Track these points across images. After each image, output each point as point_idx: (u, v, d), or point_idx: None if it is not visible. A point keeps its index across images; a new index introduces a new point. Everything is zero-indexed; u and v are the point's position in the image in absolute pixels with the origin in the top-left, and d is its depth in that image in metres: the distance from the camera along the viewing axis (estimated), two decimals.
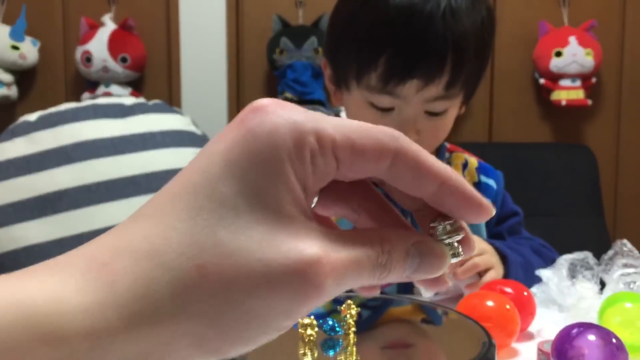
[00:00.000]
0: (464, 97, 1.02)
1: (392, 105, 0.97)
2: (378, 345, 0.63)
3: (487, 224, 1.12)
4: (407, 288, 1.02)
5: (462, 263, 0.91)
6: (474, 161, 1.14)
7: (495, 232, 1.12)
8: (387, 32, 0.94)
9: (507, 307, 0.73)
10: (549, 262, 1.04)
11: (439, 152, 1.09)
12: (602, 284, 0.88)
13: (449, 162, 1.10)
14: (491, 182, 1.13)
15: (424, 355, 0.65)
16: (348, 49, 0.98)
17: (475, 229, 1.10)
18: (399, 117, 0.97)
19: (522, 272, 1.00)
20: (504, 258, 0.99)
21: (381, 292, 1.00)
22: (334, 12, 1.04)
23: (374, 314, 0.65)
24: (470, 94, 1.04)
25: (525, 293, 0.81)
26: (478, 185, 1.12)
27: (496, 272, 0.95)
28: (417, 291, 1.03)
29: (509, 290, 0.80)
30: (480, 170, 1.13)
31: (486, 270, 0.94)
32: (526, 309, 0.79)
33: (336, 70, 1.03)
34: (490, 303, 0.73)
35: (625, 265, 0.85)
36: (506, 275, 0.98)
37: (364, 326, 0.65)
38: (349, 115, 1.04)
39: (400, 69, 0.93)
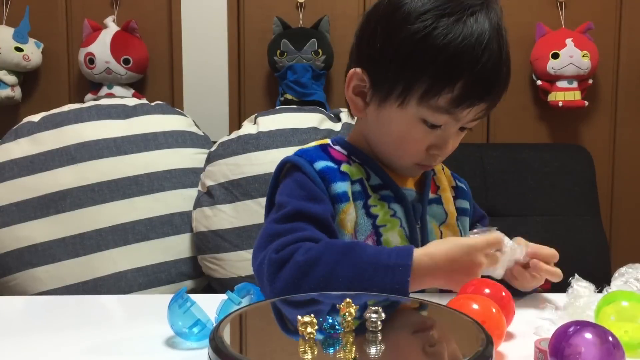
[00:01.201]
0: None
1: (444, 123, 0.99)
2: (382, 342, 0.64)
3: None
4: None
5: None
6: (446, 168, 1.20)
7: None
8: (468, 58, 0.94)
9: (493, 310, 0.74)
10: None
11: None
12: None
13: (433, 170, 1.13)
14: (463, 185, 1.19)
15: (425, 352, 0.66)
16: (420, 67, 0.95)
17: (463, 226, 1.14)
18: (444, 133, 1.00)
19: None
20: None
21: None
22: (380, 24, 0.99)
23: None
24: None
25: (504, 293, 0.81)
26: (456, 188, 1.17)
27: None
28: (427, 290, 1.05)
29: (487, 291, 0.80)
30: (453, 176, 1.20)
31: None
32: (506, 309, 0.79)
33: (386, 85, 0.99)
34: (475, 306, 0.73)
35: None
36: None
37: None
38: (389, 132, 1.02)
39: (476, 95, 0.96)
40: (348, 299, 0.67)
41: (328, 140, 1.11)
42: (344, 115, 1.80)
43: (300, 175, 1.02)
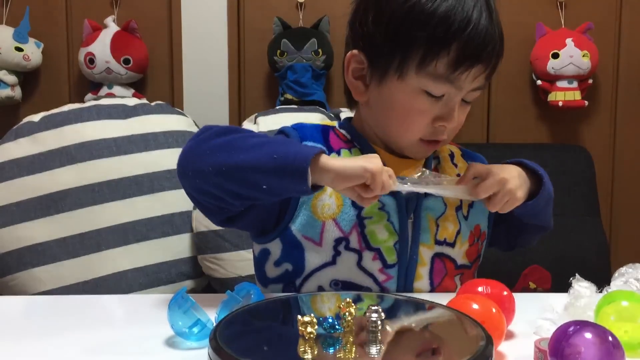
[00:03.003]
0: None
1: (446, 92, 0.99)
2: (382, 342, 0.64)
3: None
4: (406, 287, 1.04)
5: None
6: (456, 150, 1.18)
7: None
8: (460, 18, 0.95)
9: (493, 310, 0.74)
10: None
11: None
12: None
13: (436, 155, 1.12)
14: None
15: (425, 352, 0.66)
16: (413, 35, 0.97)
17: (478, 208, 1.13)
18: (447, 105, 1.00)
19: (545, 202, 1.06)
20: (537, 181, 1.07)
21: (381, 290, 1.02)
22: (370, 3, 1.02)
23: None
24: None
25: (505, 293, 0.82)
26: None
27: (514, 187, 0.99)
28: (416, 290, 1.05)
29: (488, 290, 0.80)
30: (465, 156, 1.18)
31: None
32: (506, 309, 0.79)
33: (383, 59, 1.01)
34: (475, 306, 0.73)
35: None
36: (536, 198, 1.04)
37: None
38: (392, 107, 1.02)
39: (472, 54, 0.96)
40: (348, 299, 0.67)
41: (335, 123, 1.12)
42: (344, 115, 1.80)
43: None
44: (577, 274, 0.89)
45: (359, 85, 1.06)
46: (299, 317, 0.63)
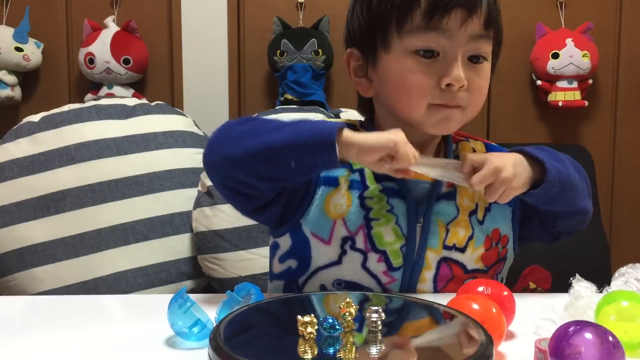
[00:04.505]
0: (492, 57, 1.05)
1: (438, 46, 0.97)
2: (382, 343, 0.64)
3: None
4: (409, 290, 1.04)
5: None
6: (480, 146, 1.14)
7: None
8: None
9: (493, 310, 0.73)
10: (584, 181, 1.09)
11: (446, 143, 1.10)
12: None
13: (456, 154, 1.11)
14: None
15: (425, 352, 0.66)
16: (385, 7, 0.98)
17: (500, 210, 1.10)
18: (445, 60, 0.98)
19: (559, 185, 1.00)
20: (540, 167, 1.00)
21: (384, 290, 1.02)
22: (357, 3, 1.05)
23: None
24: (496, 58, 1.07)
25: (505, 293, 0.81)
26: None
27: (509, 176, 0.96)
28: (420, 290, 1.04)
29: (488, 290, 0.80)
30: (487, 152, 1.13)
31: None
32: (507, 309, 0.79)
33: (368, 41, 1.02)
34: (475, 306, 0.73)
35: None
36: (542, 185, 0.98)
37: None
38: (390, 81, 1.02)
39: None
40: (348, 299, 0.67)
41: (356, 122, 1.12)
42: (344, 115, 1.80)
43: None
44: (577, 274, 0.88)
45: (363, 81, 1.06)
46: (299, 317, 0.63)
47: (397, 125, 0.99)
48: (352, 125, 1.08)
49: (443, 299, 0.80)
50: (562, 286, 0.91)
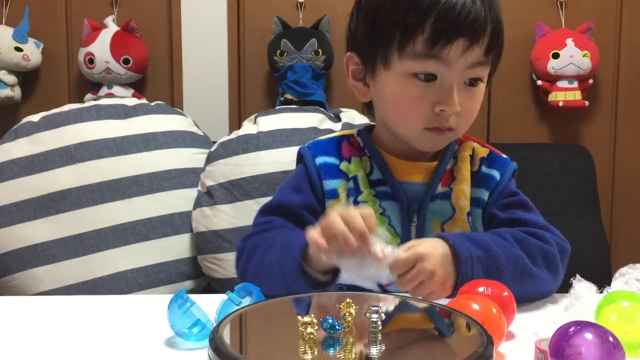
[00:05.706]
0: (491, 67, 1.05)
1: (436, 71, 0.98)
2: (382, 343, 0.64)
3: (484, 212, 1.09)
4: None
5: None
6: (482, 151, 1.13)
7: (497, 221, 1.07)
8: None
9: (493, 310, 0.73)
10: (536, 251, 0.98)
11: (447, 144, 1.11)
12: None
13: (455, 155, 1.11)
14: (494, 173, 1.11)
15: (425, 352, 0.66)
16: (389, 21, 0.98)
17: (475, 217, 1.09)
18: (442, 86, 0.99)
19: (482, 268, 0.93)
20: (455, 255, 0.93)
21: (384, 291, 1.02)
22: (357, 7, 1.06)
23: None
24: (493, 71, 1.07)
25: (506, 293, 0.81)
26: (476, 174, 1.10)
27: (434, 267, 0.89)
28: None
29: (489, 291, 0.80)
30: (485, 160, 1.12)
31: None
32: (507, 309, 0.79)
33: (369, 52, 1.03)
34: (475, 306, 0.73)
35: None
36: (459, 272, 0.92)
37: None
38: (387, 99, 1.03)
39: (447, 29, 0.96)
40: (348, 299, 0.67)
41: (354, 131, 1.14)
42: (344, 115, 1.80)
43: (301, 166, 1.12)
44: (577, 274, 0.88)
45: (360, 86, 1.08)
46: (299, 317, 0.63)
47: (392, 134, 1.03)
48: (345, 137, 1.12)
49: (443, 299, 0.80)
50: (563, 286, 0.91)
